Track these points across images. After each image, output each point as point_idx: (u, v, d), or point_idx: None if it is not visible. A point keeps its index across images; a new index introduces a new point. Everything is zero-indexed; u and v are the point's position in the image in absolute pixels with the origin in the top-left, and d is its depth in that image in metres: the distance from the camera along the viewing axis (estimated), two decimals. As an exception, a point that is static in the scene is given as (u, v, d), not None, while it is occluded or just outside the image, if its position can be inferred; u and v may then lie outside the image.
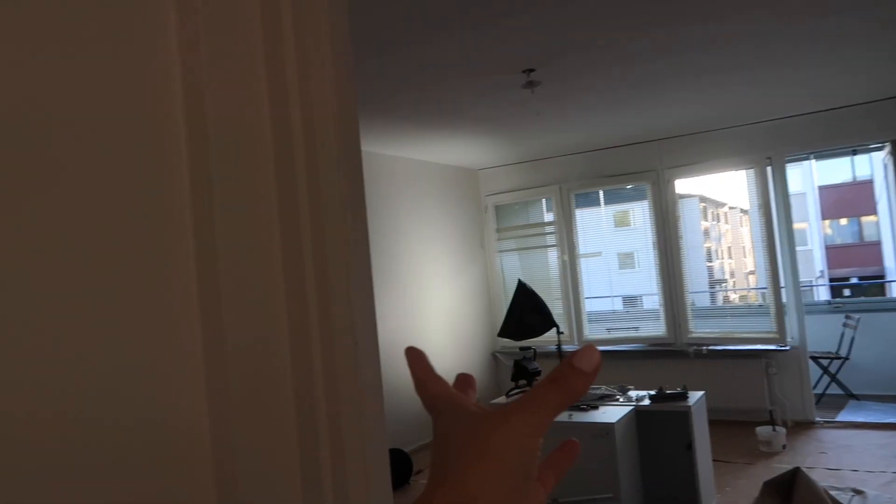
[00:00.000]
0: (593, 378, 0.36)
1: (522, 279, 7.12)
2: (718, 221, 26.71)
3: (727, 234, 26.51)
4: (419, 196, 6.43)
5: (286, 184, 0.70)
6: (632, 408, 3.90)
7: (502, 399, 4.56)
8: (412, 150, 6.03)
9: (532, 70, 4.00)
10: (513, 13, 3.10)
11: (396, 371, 5.04)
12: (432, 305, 6.40)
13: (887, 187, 6.01)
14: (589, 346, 0.37)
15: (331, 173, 0.76)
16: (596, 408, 3.97)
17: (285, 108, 0.70)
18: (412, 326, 6.07)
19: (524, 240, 7.28)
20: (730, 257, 26.34)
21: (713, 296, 17.25)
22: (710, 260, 23.49)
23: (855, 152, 7.77)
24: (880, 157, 6.21)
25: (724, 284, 23.91)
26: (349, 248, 0.79)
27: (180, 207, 0.60)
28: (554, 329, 5.52)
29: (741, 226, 26.13)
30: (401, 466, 5.01)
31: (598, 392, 4.20)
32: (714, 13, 3.30)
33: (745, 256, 25.42)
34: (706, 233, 24.12)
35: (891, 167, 5.67)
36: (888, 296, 14.50)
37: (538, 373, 4.74)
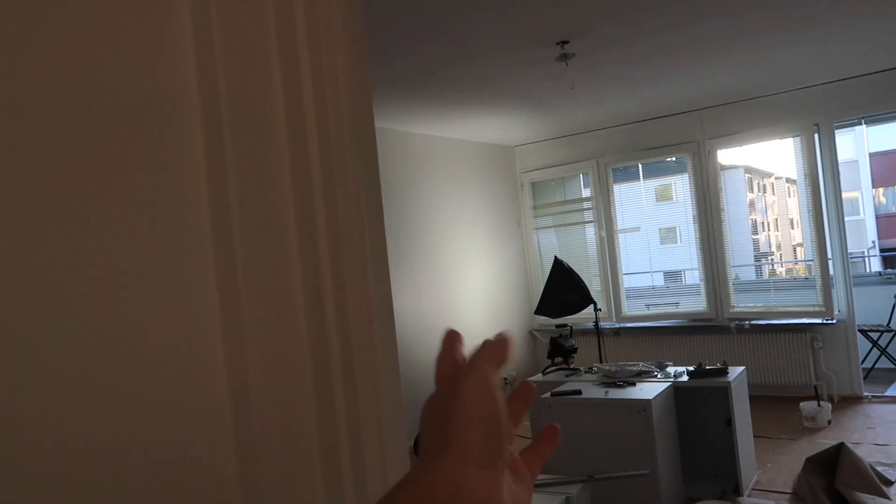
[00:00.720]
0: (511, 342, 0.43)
1: (560, 256, 7.08)
2: (764, 192, 25.95)
3: (773, 206, 25.76)
4: (455, 175, 6.42)
5: (300, 163, 0.71)
6: (670, 384, 3.85)
7: (539, 377, 4.55)
8: (447, 128, 6.01)
9: (566, 42, 3.93)
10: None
11: (435, 350, 5.14)
12: (470, 285, 6.41)
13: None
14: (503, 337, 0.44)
15: (343, 152, 0.76)
16: (633, 384, 3.95)
17: (298, 89, 0.71)
18: (450, 306, 6.10)
19: (561, 216, 7.22)
20: (776, 229, 25.62)
21: (758, 269, 16.82)
22: (755, 232, 22.89)
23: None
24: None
25: (770, 257, 23.31)
26: (363, 227, 0.80)
27: (197, 188, 0.61)
28: (591, 306, 5.48)
29: (788, 196, 25.34)
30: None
31: (635, 369, 4.16)
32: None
33: (792, 228, 24.70)
34: (752, 204, 23.49)
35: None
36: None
37: (574, 350, 4.73)
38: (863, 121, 6.46)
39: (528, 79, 4.62)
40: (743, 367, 4.07)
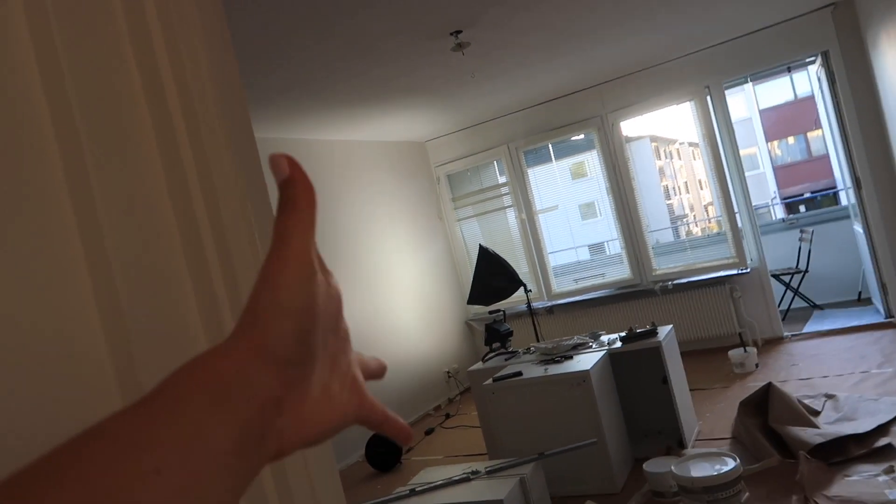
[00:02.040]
0: (301, 172, 0.34)
1: (484, 244, 7.15)
2: (671, 159, 27.07)
3: (682, 170, 26.89)
4: (370, 177, 6.36)
5: (167, 138, 0.67)
6: (605, 352, 3.95)
7: (479, 365, 4.58)
8: (355, 131, 5.94)
9: (459, 32, 3.95)
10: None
11: (374, 353, 5.06)
12: (400, 284, 6.38)
13: (824, 100, 6.12)
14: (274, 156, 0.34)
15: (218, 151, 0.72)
16: (570, 358, 4.02)
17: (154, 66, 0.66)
18: (382, 310, 6.05)
19: (481, 205, 7.28)
20: (687, 192, 26.77)
21: (676, 232, 17.55)
22: (668, 197, 23.83)
23: (790, 70, 7.90)
24: (814, 71, 6.31)
25: (685, 219, 24.33)
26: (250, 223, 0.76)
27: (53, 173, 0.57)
28: (522, 289, 5.55)
29: (693, 159, 26.52)
30: (391, 445, 5.02)
31: (570, 343, 4.24)
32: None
33: (701, 189, 25.85)
34: (661, 171, 24.42)
35: (824, 79, 5.76)
36: (839, 205, 14.92)
37: (510, 333, 4.77)
38: (749, 79, 6.80)
39: (427, 72, 4.62)
40: (671, 326, 4.21)
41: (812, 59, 5.82)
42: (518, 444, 3.83)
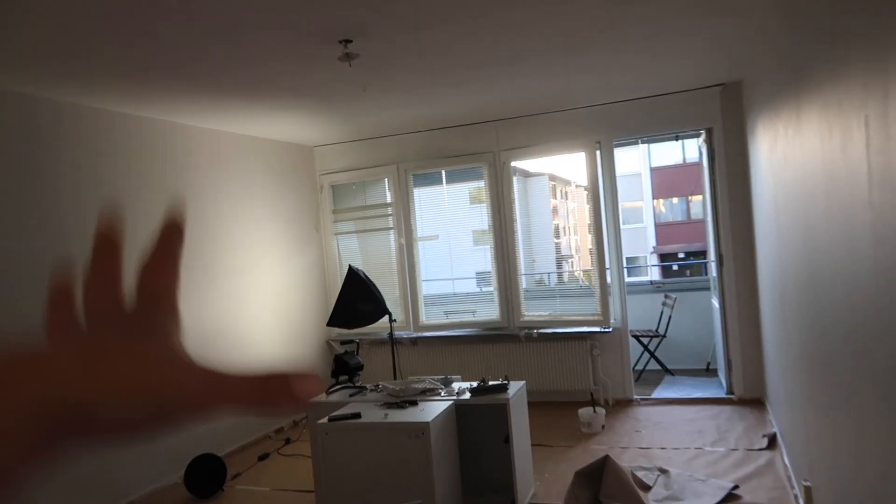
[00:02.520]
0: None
1: (361, 263, 6.87)
2: (567, 199, 27.93)
3: (574, 212, 27.80)
4: (248, 174, 5.93)
5: None
6: (451, 402, 3.77)
7: (322, 397, 4.27)
8: (238, 124, 5.51)
9: (349, 41, 3.68)
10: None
11: (216, 364, 4.66)
12: (262, 291, 5.96)
13: (702, 170, 6.35)
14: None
15: None
16: (416, 404, 3.81)
17: None
18: (238, 314, 5.61)
19: (362, 221, 7.00)
20: (576, 234, 27.69)
21: (560, 275, 17.98)
22: (557, 237, 24.52)
23: (678, 137, 8.22)
24: (700, 142, 6.54)
25: (570, 260, 25.09)
26: None
27: None
28: (387, 316, 5.32)
29: (586, 203, 27.50)
30: (214, 471, 4.60)
31: (420, 386, 4.03)
32: (537, 3, 3.16)
33: (588, 233, 26.83)
34: (555, 210, 25.11)
35: (705, 152, 5.97)
36: (704, 276, 15.85)
37: (360, 367, 4.51)
38: (639, 141, 6.97)
39: (316, 76, 4.32)
40: (523, 382, 4.10)
41: (699, 132, 6.02)
42: (347, 490, 3.56)
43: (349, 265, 5.47)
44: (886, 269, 1.60)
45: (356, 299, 5.39)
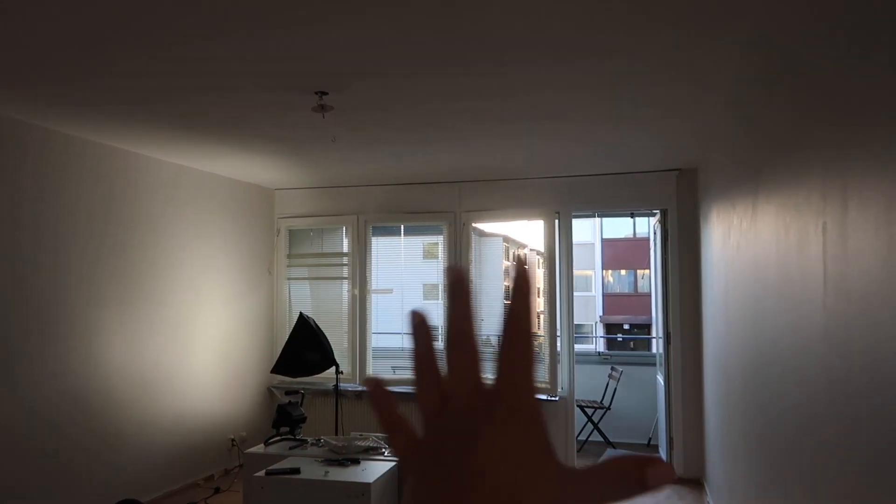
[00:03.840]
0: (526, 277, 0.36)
1: (311, 310, 6.75)
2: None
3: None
4: (203, 211, 5.82)
5: None
6: (395, 463, 3.68)
7: (259, 448, 4.12)
8: (198, 160, 5.44)
9: (325, 93, 3.72)
10: (302, 24, 2.79)
11: (149, 405, 4.40)
12: (205, 332, 5.78)
13: (654, 249, 6.54)
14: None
15: None
16: (358, 462, 3.70)
17: None
18: (177, 355, 5.41)
19: (317, 269, 6.92)
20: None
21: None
22: (508, 298, 24.71)
23: (633, 215, 8.48)
24: (653, 220, 6.76)
25: (517, 321, 25.24)
26: None
27: None
28: (334, 368, 5.22)
29: (538, 267, 27.94)
30: (136, 520, 4.35)
31: (363, 444, 3.93)
32: (506, 72, 3.27)
33: (538, 297, 27.16)
34: (507, 272, 25.38)
35: (659, 231, 6.16)
36: (650, 351, 16.11)
37: (303, 419, 4.38)
38: (595, 214, 7.16)
39: (285, 123, 4.32)
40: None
41: (654, 212, 6.22)
42: (275, 551, 3.41)
43: (300, 312, 5.38)
44: (839, 374, 1.66)
45: (304, 348, 5.29)
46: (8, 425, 4.00)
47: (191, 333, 5.60)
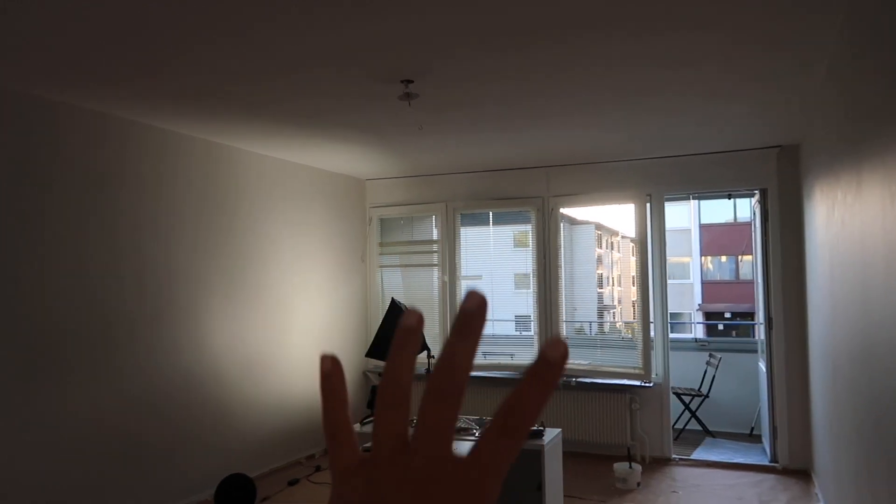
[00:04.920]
0: (563, 369, 0.31)
1: (402, 297, 6.92)
2: (612, 249, 27.70)
3: (619, 262, 27.52)
4: (299, 202, 6.09)
5: None
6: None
7: (356, 427, 4.28)
8: (293, 152, 5.69)
9: (410, 81, 3.80)
10: (387, 14, 2.88)
11: (254, 387, 4.68)
12: (304, 318, 6.06)
13: (753, 231, 6.25)
14: (556, 339, 0.32)
15: None
16: (449, 442, 3.79)
17: None
18: (278, 340, 5.71)
19: (408, 256, 7.08)
20: (619, 285, 27.34)
21: (591, 326, 17.75)
22: (601, 286, 24.26)
23: (730, 196, 8.13)
24: (753, 202, 6.46)
25: (612, 311, 24.73)
26: None
27: None
28: (425, 353, 5.33)
29: (631, 255, 27.21)
30: (245, 492, 4.63)
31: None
32: (596, 46, 3.23)
33: (632, 285, 26.46)
34: (599, 259, 24.90)
35: (759, 213, 5.88)
36: (752, 337, 15.41)
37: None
38: (690, 197, 6.91)
39: (372, 113, 4.45)
40: (559, 430, 4.05)
41: (753, 192, 5.95)
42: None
43: (392, 298, 5.53)
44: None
45: (394, 331, 5.43)
46: (128, 405, 4.37)
47: (290, 319, 5.89)
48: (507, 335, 8.24)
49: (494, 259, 7.33)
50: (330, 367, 0.36)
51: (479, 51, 3.30)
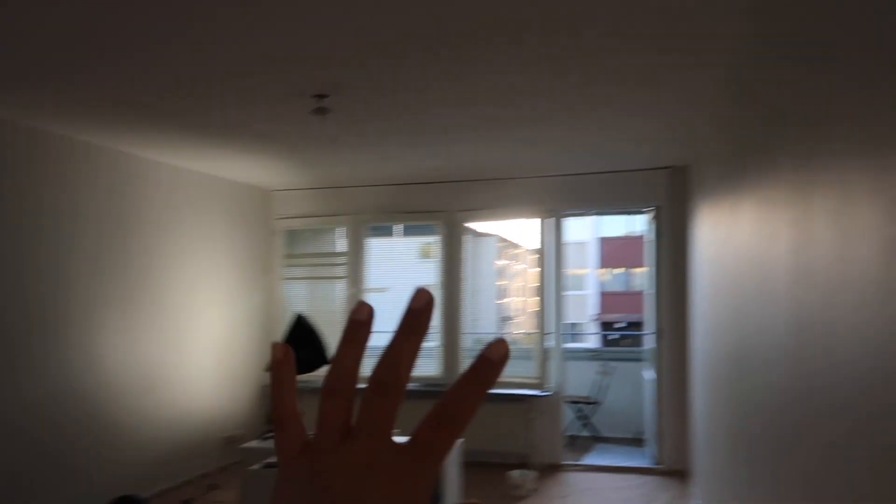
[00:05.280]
0: (502, 368, 0.34)
1: (308, 310, 6.83)
2: (513, 262, 28.44)
3: (519, 275, 28.28)
4: (202, 213, 5.91)
5: None
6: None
7: (255, 443, 4.21)
8: (198, 162, 5.53)
9: (324, 96, 3.80)
10: (297, 23, 2.88)
11: (148, 403, 4.49)
12: (204, 331, 5.87)
13: (648, 245, 6.63)
14: (499, 340, 0.34)
15: None
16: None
17: None
18: (174, 353, 5.50)
19: (314, 269, 7.01)
20: (519, 296, 28.09)
21: (501, 335, 18.12)
22: (501, 298, 24.81)
23: (629, 212, 8.59)
24: (647, 218, 6.85)
25: (512, 322, 25.34)
26: None
27: None
28: (326, 366, 5.30)
29: (532, 267, 28.05)
30: (135, 512, 4.42)
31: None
32: (502, 75, 3.37)
33: (532, 296, 27.22)
34: (501, 272, 25.49)
35: (653, 229, 6.24)
36: (641, 347, 16.21)
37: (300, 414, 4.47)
38: (589, 212, 7.26)
39: (284, 125, 4.42)
40: (459, 440, 4.14)
41: (648, 209, 6.32)
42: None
43: (297, 312, 5.46)
44: (802, 360, 1.77)
45: (298, 346, 5.37)
46: (10, 421, 4.08)
47: (190, 333, 5.69)
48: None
49: (401, 271, 7.40)
50: (282, 355, 0.37)
51: (389, 65, 3.36)
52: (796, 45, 1.89)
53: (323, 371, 3.42)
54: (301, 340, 5.41)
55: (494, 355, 0.33)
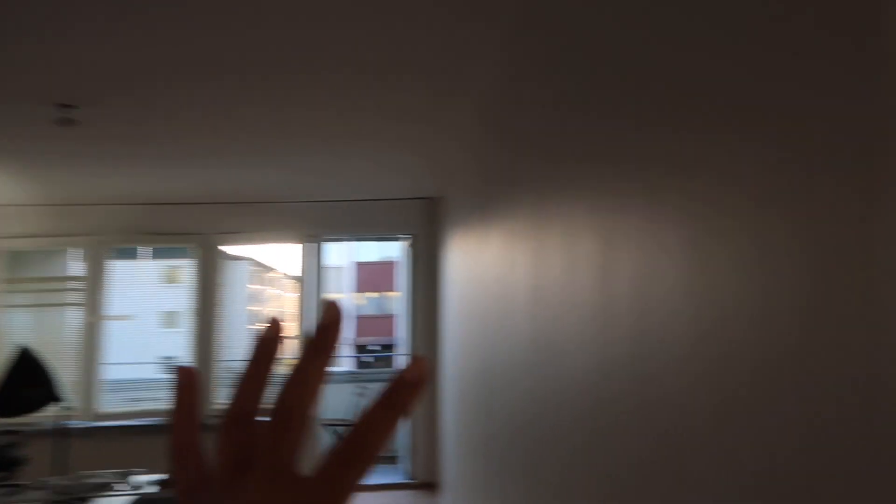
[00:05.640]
0: (420, 390, 0.32)
1: (34, 342, 5.99)
2: (267, 286, 27.71)
3: (274, 300, 27.63)
4: None
5: None
6: (137, 496, 3.50)
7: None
8: None
9: (72, 107, 3.47)
10: (41, 31, 2.63)
11: None
12: None
13: (403, 271, 7.00)
14: (417, 359, 0.33)
15: None
16: (84, 502, 3.46)
17: None
18: None
19: (41, 295, 6.19)
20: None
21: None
22: (253, 323, 23.99)
23: (383, 238, 8.96)
24: (403, 245, 7.24)
25: (267, 348, 24.56)
26: None
27: None
28: (57, 404, 4.74)
29: (290, 293, 27.61)
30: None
31: (94, 482, 3.67)
32: (265, 108, 3.40)
33: (293, 322, 26.73)
34: (254, 296, 24.68)
35: (410, 256, 6.61)
36: (395, 367, 16.85)
37: (20, 462, 3.93)
38: (349, 238, 7.47)
39: (18, 133, 3.92)
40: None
41: (406, 237, 6.69)
42: None
43: (20, 345, 4.81)
44: (538, 370, 2.10)
45: (23, 386, 4.75)
46: None
47: None
48: (154, 379, 7.72)
49: (146, 297, 6.86)
50: (187, 382, 0.34)
51: (146, 86, 3.21)
52: (540, 87, 2.24)
53: (53, 411, 3.12)
54: (25, 377, 4.79)
55: (411, 376, 0.31)
